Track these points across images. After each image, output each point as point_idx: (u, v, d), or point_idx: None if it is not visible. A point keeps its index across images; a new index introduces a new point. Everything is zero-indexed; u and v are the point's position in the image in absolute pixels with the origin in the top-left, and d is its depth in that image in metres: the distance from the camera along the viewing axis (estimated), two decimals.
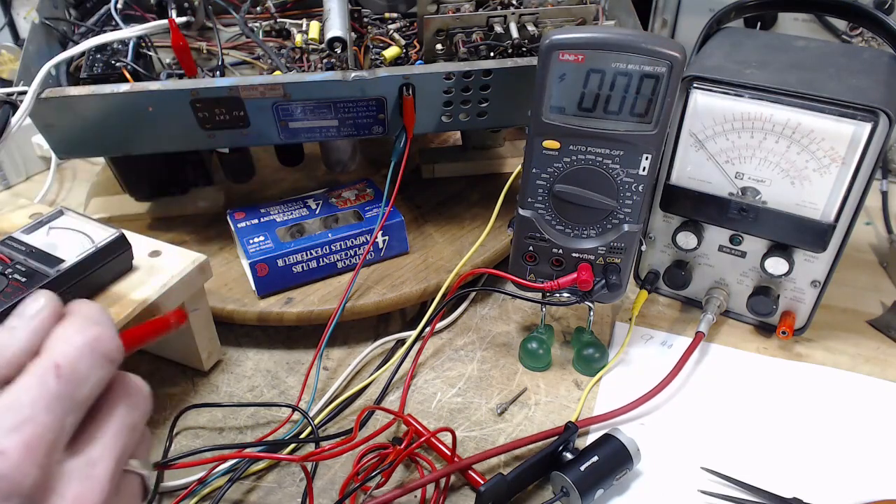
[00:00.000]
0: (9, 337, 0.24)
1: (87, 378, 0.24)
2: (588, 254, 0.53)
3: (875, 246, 0.68)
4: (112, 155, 0.61)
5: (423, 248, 0.63)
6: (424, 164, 0.72)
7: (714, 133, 0.52)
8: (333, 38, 0.54)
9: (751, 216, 0.53)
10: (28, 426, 0.22)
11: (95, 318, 0.26)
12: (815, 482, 0.47)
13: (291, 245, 0.57)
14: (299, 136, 0.57)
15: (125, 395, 0.26)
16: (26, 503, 0.21)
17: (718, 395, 0.54)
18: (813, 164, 0.49)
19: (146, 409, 0.27)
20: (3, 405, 0.22)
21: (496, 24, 0.58)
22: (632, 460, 0.46)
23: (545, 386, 0.55)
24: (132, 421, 0.26)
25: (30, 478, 0.21)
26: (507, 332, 0.59)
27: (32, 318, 0.25)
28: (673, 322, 0.60)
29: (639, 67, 0.45)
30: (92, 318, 0.25)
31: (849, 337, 0.58)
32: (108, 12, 0.61)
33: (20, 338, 0.24)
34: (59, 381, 0.23)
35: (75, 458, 0.24)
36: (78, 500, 0.23)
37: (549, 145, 0.49)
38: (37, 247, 0.45)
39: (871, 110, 0.46)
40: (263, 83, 0.53)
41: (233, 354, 0.58)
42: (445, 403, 0.53)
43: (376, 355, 0.58)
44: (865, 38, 0.71)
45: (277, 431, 0.51)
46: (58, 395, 0.23)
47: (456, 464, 0.46)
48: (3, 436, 0.21)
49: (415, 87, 0.55)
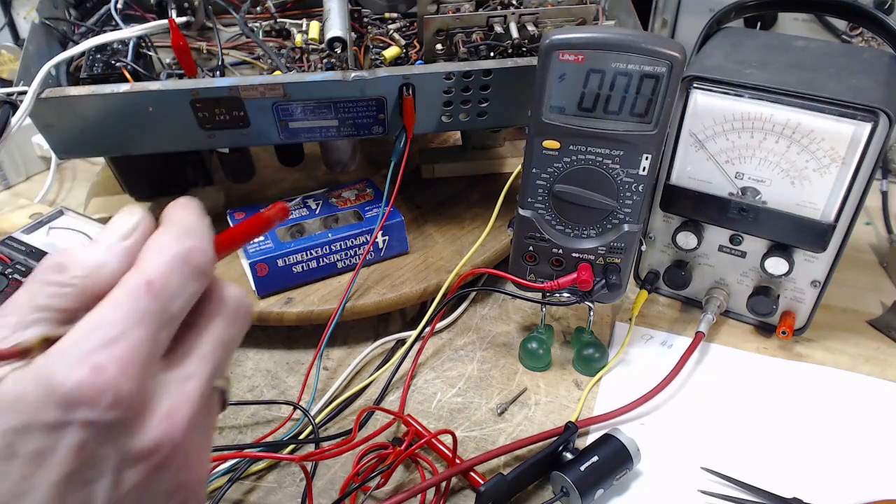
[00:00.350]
0: (105, 255, 0.24)
1: (179, 293, 0.24)
2: (588, 254, 0.53)
3: (875, 246, 0.68)
4: (112, 155, 0.61)
5: (423, 248, 0.63)
6: (424, 164, 0.72)
7: (714, 133, 0.52)
8: (333, 38, 0.54)
9: (751, 216, 0.53)
10: (122, 341, 0.22)
11: (190, 228, 0.25)
12: (815, 482, 0.47)
13: (291, 245, 0.57)
14: (299, 136, 0.57)
15: (222, 310, 0.26)
16: (125, 414, 0.22)
17: (718, 395, 0.54)
18: (813, 164, 0.49)
19: (244, 325, 0.27)
20: (96, 321, 0.22)
21: (496, 24, 0.58)
22: (632, 460, 0.46)
23: (545, 386, 0.55)
24: (229, 337, 0.26)
25: (126, 391, 0.22)
26: (507, 332, 0.59)
27: (127, 238, 0.25)
28: (673, 322, 0.60)
29: (639, 67, 0.45)
30: (187, 229, 0.25)
31: (849, 337, 0.58)
32: (108, 12, 0.61)
33: (117, 255, 0.24)
34: (150, 296, 0.23)
35: (169, 372, 0.24)
36: (169, 414, 0.23)
37: (549, 145, 0.49)
38: (37, 247, 0.46)
39: (871, 110, 0.46)
40: (263, 83, 0.53)
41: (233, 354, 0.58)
42: (445, 403, 0.53)
43: (376, 355, 0.58)
44: (865, 38, 0.71)
45: (278, 431, 0.51)
46: (149, 310, 0.23)
47: (457, 466, 0.46)
48: (98, 351, 0.22)
49: (415, 87, 0.55)
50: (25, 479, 0.21)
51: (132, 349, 0.22)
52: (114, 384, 0.21)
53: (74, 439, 0.21)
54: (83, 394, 0.21)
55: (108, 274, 0.24)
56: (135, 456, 0.22)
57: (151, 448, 0.22)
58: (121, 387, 0.21)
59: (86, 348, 0.22)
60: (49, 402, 0.21)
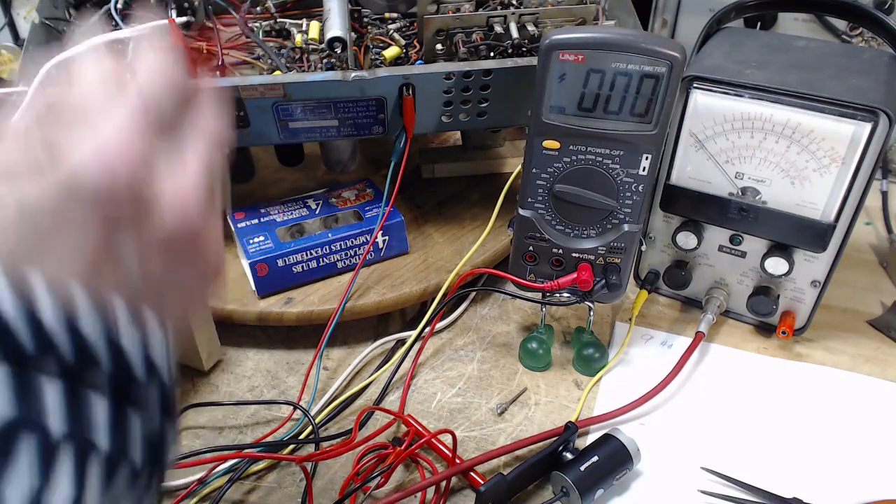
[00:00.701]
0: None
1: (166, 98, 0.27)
2: (588, 254, 0.53)
3: (875, 246, 0.68)
4: None
5: (423, 248, 0.63)
6: (424, 164, 0.72)
7: (714, 133, 0.52)
8: (333, 38, 0.54)
9: (751, 216, 0.53)
10: (123, 121, 0.25)
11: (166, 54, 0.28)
12: (815, 482, 0.47)
13: (291, 245, 0.57)
14: (299, 136, 0.57)
15: (207, 124, 0.29)
16: (137, 185, 0.24)
17: (718, 395, 0.54)
18: (813, 164, 0.49)
19: (222, 135, 0.30)
20: (98, 111, 0.25)
21: (496, 24, 0.58)
22: (632, 460, 0.46)
23: (545, 386, 0.55)
24: (212, 142, 0.28)
25: (135, 165, 0.24)
26: (507, 332, 0.59)
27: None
28: (673, 322, 0.60)
29: (639, 67, 0.45)
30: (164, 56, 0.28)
31: (849, 337, 0.58)
32: (108, 12, 0.61)
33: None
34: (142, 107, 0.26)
35: (170, 153, 0.26)
36: (177, 193, 0.26)
37: (549, 145, 0.49)
38: None
39: (871, 110, 0.46)
40: (263, 83, 0.53)
41: (233, 354, 0.58)
42: (445, 403, 0.53)
43: (376, 355, 0.58)
44: (865, 38, 0.71)
45: (278, 431, 0.51)
46: (143, 117, 0.26)
47: (456, 466, 0.46)
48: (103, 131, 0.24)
49: (415, 87, 0.55)
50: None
51: (133, 129, 0.25)
52: (122, 157, 0.24)
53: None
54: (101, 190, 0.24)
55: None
56: (153, 230, 0.25)
57: (169, 223, 0.25)
58: (129, 160, 0.24)
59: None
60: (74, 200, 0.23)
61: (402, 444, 0.47)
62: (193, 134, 0.28)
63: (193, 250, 0.27)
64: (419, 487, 0.45)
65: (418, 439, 0.48)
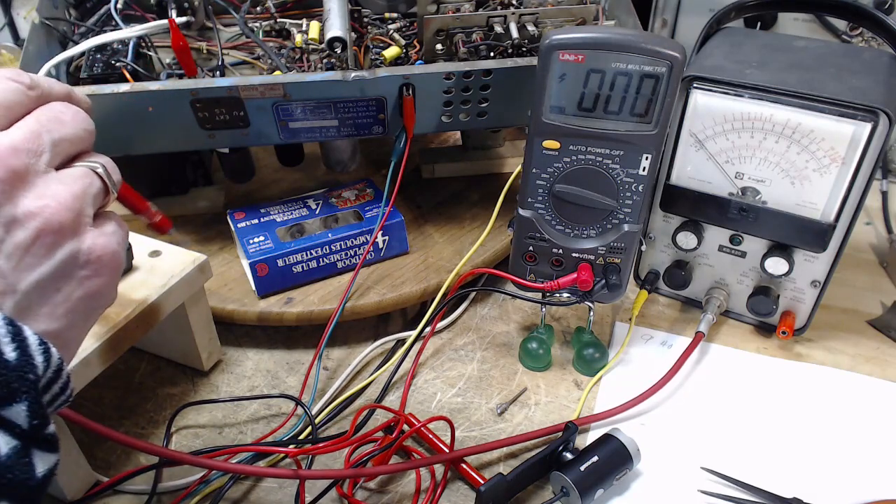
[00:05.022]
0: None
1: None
2: (588, 254, 0.53)
3: (875, 246, 0.68)
4: (112, 155, 0.60)
5: (423, 248, 0.63)
6: (424, 164, 0.72)
7: (714, 133, 0.52)
8: (333, 38, 0.54)
9: (751, 216, 0.53)
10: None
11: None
12: (815, 482, 0.47)
13: (291, 245, 0.57)
14: (299, 136, 0.57)
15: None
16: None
17: (718, 395, 0.54)
18: (813, 164, 0.49)
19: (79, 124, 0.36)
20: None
21: (496, 24, 0.58)
22: (632, 460, 0.46)
23: (545, 386, 0.55)
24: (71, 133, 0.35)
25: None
26: (507, 332, 0.60)
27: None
28: (673, 322, 0.60)
29: (639, 67, 0.45)
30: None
31: (849, 337, 0.58)
32: (108, 12, 0.61)
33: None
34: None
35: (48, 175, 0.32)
36: (45, 194, 0.30)
37: (549, 145, 0.49)
38: None
39: (871, 110, 0.46)
40: (263, 83, 0.53)
41: (233, 354, 0.58)
42: (445, 403, 0.53)
43: (376, 355, 0.58)
44: (865, 38, 0.71)
45: (277, 432, 0.51)
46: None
47: (448, 454, 0.46)
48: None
49: (415, 87, 0.55)
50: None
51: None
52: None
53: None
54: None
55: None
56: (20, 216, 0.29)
57: (33, 211, 0.29)
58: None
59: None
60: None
61: (392, 433, 0.47)
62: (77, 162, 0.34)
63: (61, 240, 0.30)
64: (408, 466, 0.45)
65: (409, 428, 0.48)
